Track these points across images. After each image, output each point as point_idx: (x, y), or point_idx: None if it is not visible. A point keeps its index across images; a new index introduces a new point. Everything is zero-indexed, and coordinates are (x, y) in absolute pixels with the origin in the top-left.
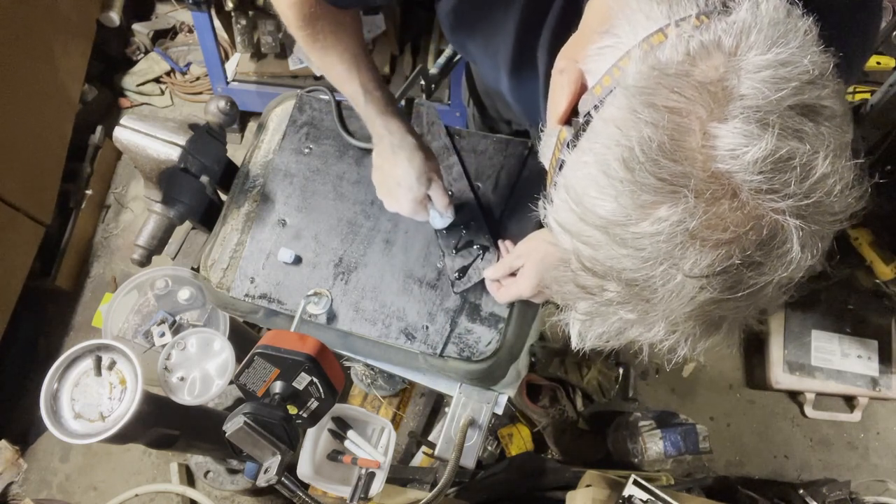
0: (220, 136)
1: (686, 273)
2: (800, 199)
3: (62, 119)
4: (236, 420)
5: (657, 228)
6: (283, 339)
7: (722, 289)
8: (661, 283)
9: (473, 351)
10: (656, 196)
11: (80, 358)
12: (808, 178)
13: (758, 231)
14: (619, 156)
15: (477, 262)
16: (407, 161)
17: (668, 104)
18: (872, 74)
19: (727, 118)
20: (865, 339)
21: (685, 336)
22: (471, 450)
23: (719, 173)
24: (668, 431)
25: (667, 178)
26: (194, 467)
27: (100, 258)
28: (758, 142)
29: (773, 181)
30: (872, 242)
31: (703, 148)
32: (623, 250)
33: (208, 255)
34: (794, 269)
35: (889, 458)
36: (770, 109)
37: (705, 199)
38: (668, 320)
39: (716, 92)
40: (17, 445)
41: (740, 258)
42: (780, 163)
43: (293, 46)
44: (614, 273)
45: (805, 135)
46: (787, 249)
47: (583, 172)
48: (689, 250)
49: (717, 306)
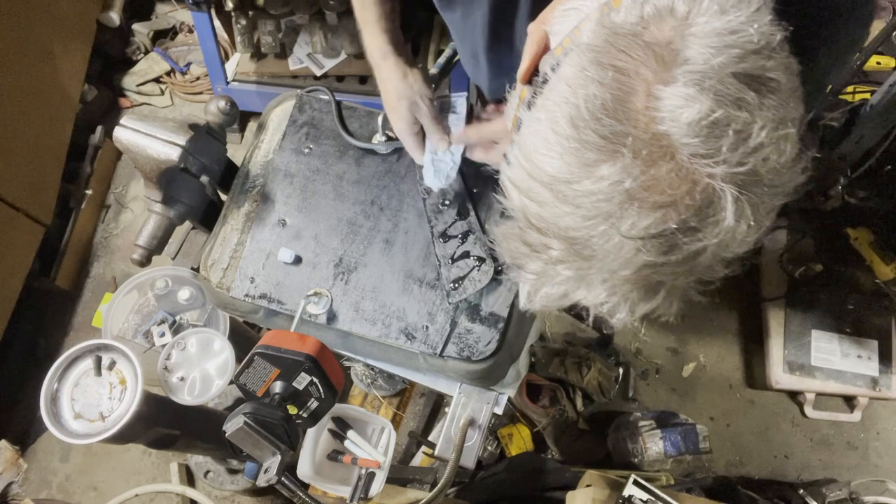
0: (220, 136)
1: (623, 234)
2: (733, 166)
3: (62, 119)
4: (236, 420)
5: (597, 187)
6: (283, 339)
7: (658, 252)
8: (600, 243)
9: (473, 351)
10: (598, 154)
11: (80, 358)
12: (743, 145)
13: (693, 196)
14: (567, 113)
15: (472, 273)
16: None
17: (616, 63)
18: (872, 74)
19: (671, 81)
20: (865, 339)
21: (624, 299)
22: (471, 450)
23: (660, 134)
24: (668, 431)
25: (608, 136)
26: (194, 467)
27: (100, 258)
28: (695, 105)
29: (707, 145)
30: (872, 242)
31: (647, 109)
32: (566, 208)
33: (208, 255)
34: (730, 238)
35: (889, 458)
36: (712, 75)
37: (643, 159)
38: (607, 283)
39: (663, 54)
40: (17, 445)
41: (676, 222)
42: (715, 127)
43: (293, 46)
44: (558, 230)
45: (745, 103)
46: (721, 217)
47: (534, 129)
48: (627, 211)
49: (653, 270)
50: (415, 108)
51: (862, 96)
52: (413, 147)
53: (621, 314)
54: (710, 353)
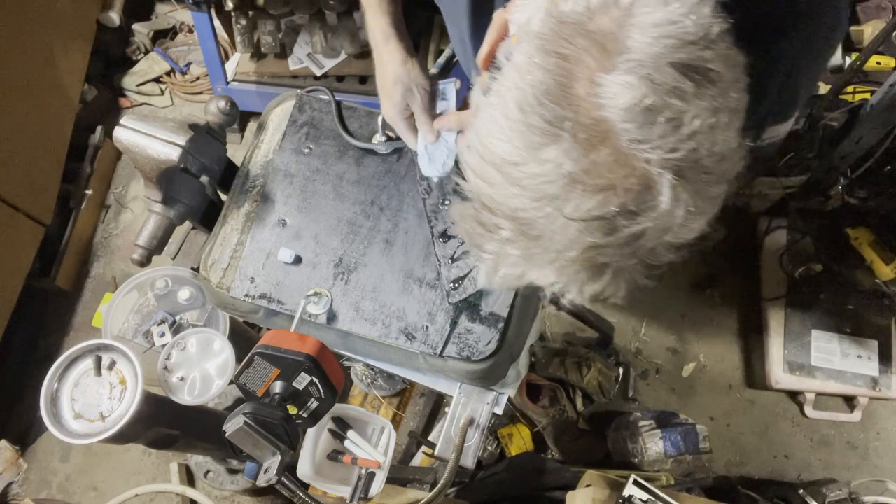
0: (220, 136)
1: (567, 215)
2: (667, 152)
3: (62, 119)
4: (236, 420)
5: (541, 169)
6: (283, 339)
7: (600, 234)
8: (546, 224)
9: (473, 351)
10: (543, 138)
11: (80, 358)
12: (676, 132)
13: (631, 180)
14: (516, 98)
15: (472, 273)
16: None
17: (560, 51)
18: (872, 74)
19: (612, 69)
20: (865, 339)
21: (573, 280)
22: (471, 450)
23: (600, 119)
24: (668, 431)
25: (552, 120)
26: (194, 467)
27: (100, 258)
28: (632, 91)
29: (642, 131)
30: (872, 242)
31: (589, 95)
32: (515, 189)
33: (208, 255)
34: (669, 222)
35: (889, 458)
36: (650, 64)
37: (582, 142)
38: (555, 263)
39: (605, 44)
40: (17, 445)
41: (616, 205)
42: (649, 113)
43: (293, 46)
44: (507, 211)
45: (681, 92)
46: (659, 202)
47: (489, 114)
48: (571, 194)
49: (597, 251)
50: (409, 96)
51: (862, 96)
52: (404, 132)
53: (571, 294)
54: (710, 353)
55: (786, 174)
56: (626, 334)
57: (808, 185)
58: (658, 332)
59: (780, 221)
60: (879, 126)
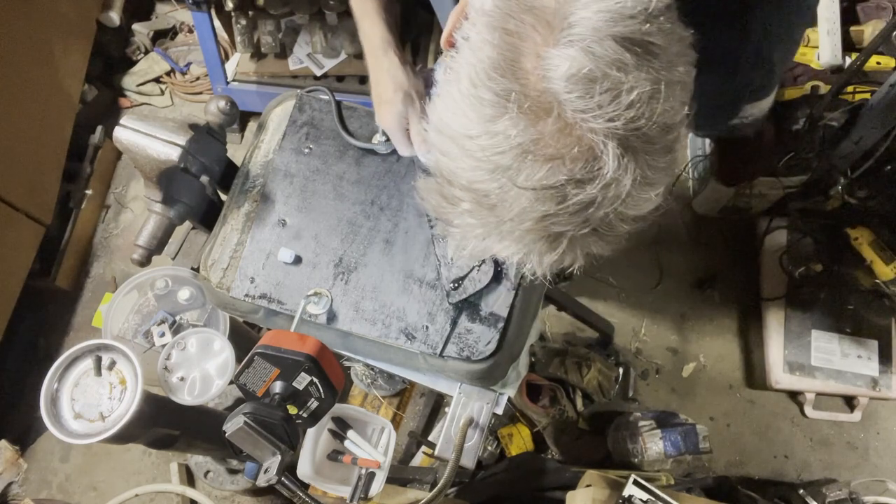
0: (220, 136)
1: (519, 185)
2: (609, 121)
3: (62, 119)
4: (236, 420)
5: (493, 141)
6: (283, 339)
7: (552, 203)
8: (500, 194)
9: (473, 351)
10: (493, 110)
11: (80, 358)
12: (616, 101)
13: (577, 149)
14: (468, 73)
15: (472, 273)
16: (388, 73)
17: (507, 27)
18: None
19: (556, 43)
20: (865, 339)
21: (532, 250)
22: (471, 450)
23: (545, 91)
24: (668, 431)
25: (500, 93)
26: (194, 467)
27: (100, 258)
28: (573, 63)
29: (584, 101)
30: (872, 242)
31: (535, 69)
32: (471, 161)
33: (208, 255)
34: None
35: (889, 458)
36: (592, 37)
37: (529, 113)
38: (514, 234)
39: (551, 20)
40: (17, 445)
41: (565, 174)
42: (590, 83)
43: (293, 46)
44: (465, 184)
45: (621, 63)
46: (605, 170)
47: (446, 90)
48: (522, 164)
49: (551, 221)
50: (408, 101)
51: (862, 96)
52: (401, 142)
53: (531, 264)
54: (710, 353)
55: (786, 174)
56: (626, 334)
57: (808, 185)
58: (658, 332)
59: (780, 221)
60: (879, 126)
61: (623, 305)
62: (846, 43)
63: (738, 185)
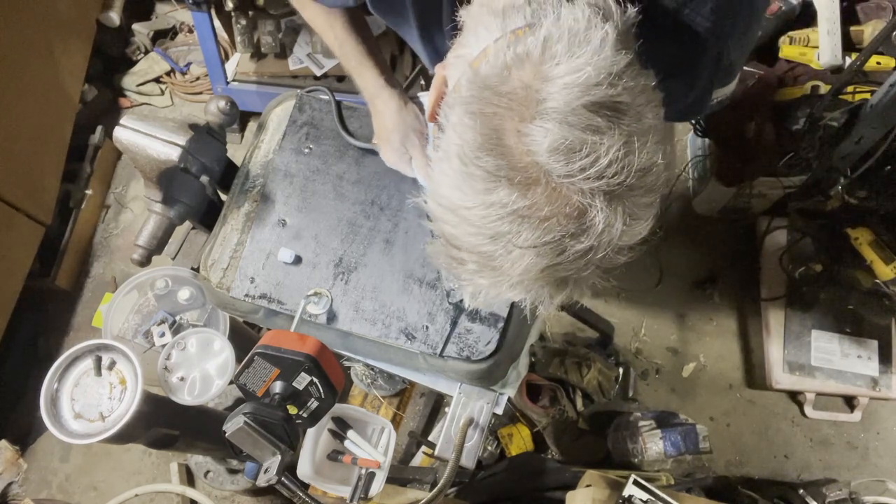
0: (220, 136)
1: (520, 245)
2: (593, 181)
3: (62, 119)
4: (236, 420)
5: (489, 211)
6: (283, 339)
7: (552, 255)
8: (503, 254)
9: (473, 351)
10: (485, 184)
11: (80, 358)
12: (597, 163)
13: (568, 209)
14: (456, 153)
15: None
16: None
17: (487, 111)
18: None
19: (533, 118)
20: (865, 339)
21: (541, 294)
22: (471, 450)
23: (532, 163)
24: (668, 431)
25: (490, 169)
26: (194, 467)
27: (100, 258)
28: (552, 135)
29: (569, 167)
30: (872, 242)
31: (518, 144)
32: (471, 228)
33: (208, 255)
34: (612, 236)
35: (889, 458)
36: (565, 109)
37: (519, 185)
38: (521, 284)
39: (525, 97)
40: (17, 445)
41: (560, 231)
42: (571, 152)
43: (293, 46)
44: (469, 247)
45: (594, 127)
46: (596, 222)
47: (438, 167)
48: (520, 228)
49: (554, 269)
50: (406, 141)
51: (862, 96)
52: (407, 170)
53: (543, 305)
54: (710, 353)
55: (786, 174)
56: (626, 334)
57: (808, 185)
58: (658, 332)
59: (780, 221)
60: (879, 126)
61: (623, 305)
62: (846, 43)
63: (738, 185)
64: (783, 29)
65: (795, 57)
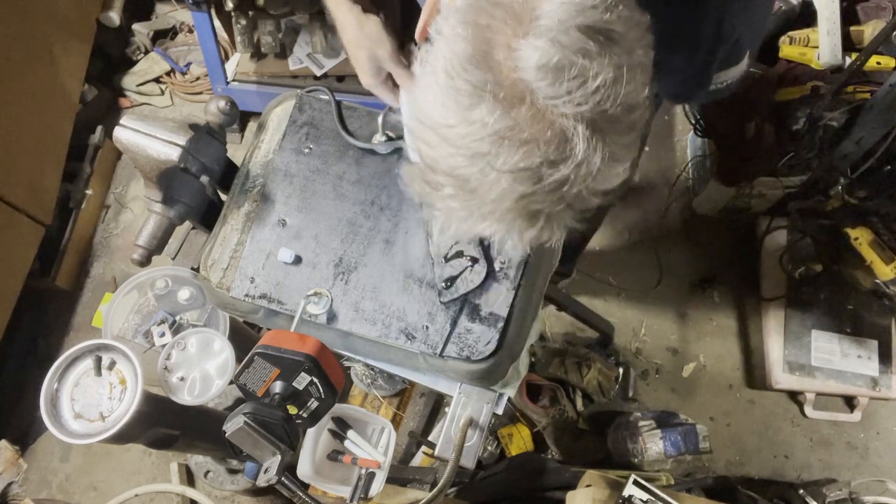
0: (220, 136)
1: (498, 168)
2: (578, 105)
3: (62, 119)
4: (236, 420)
5: (471, 129)
6: (283, 339)
7: (528, 183)
8: (480, 178)
9: (473, 351)
10: (469, 99)
11: (80, 358)
12: (583, 87)
13: (549, 133)
14: (444, 66)
15: (465, 273)
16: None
17: (480, 22)
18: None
19: (525, 35)
20: (865, 339)
21: (512, 228)
22: (471, 450)
23: (517, 80)
24: (668, 431)
25: (476, 83)
26: (194, 467)
27: (100, 258)
28: (542, 53)
29: (554, 88)
30: (872, 242)
31: (507, 59)
32: (451, 149)
33: (208, 255)
34: (589, 169)
35: (889, 458)
36: (558, 28)
37: (503, 102)
38: (494, 214)
39: (520, 13)
40: (17, 445)
41: (540, 157)
42: (559, 71)
43: (293, 46)
44: (447, 169)
45: (585, 51)
46: (576, 151)
47: (424, 82)
48: (500, 149)
49: (529, 200)
50: (375, 58)
51: (862, 96)
52: (386, 94)
53: (513, 240)
54: (710, 353)
55: (786, 174)
56: (626, 334)
57: (808, 185)
58: (658, 332)
59: (780, 221)
60: (879, 126)
61: (623, 305)
62: (846, 43)
63: (738, 185)
64: (783, 29)
65: (795, 57)
